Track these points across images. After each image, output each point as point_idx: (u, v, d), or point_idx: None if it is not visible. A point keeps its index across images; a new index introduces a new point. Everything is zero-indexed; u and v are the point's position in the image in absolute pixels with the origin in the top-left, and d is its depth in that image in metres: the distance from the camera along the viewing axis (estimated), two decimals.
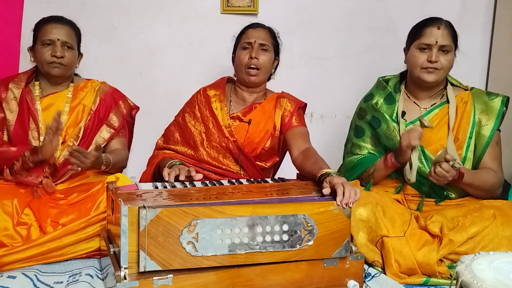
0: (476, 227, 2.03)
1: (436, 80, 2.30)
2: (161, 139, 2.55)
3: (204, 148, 2.41)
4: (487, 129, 2.30)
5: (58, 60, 2.31)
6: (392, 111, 2.39)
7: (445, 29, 2.27)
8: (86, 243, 2.09)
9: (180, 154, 2.44)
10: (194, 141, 2.42)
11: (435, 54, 2.25)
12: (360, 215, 2.09)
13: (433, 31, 2.26)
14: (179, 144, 2.47)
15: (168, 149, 2.48)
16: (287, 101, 2.46)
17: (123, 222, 1.61)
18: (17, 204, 2.09)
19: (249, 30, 2.44)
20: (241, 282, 1.74)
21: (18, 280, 1.88)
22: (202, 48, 3.24)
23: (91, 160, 2.14)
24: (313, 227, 1.77)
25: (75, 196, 2.22)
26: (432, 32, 2.26)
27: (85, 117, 2.40)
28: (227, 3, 3.20)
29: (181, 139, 2.47)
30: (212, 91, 2.48)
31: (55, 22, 2.34)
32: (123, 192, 1.81)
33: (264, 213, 1.72)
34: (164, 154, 2.43)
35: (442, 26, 2.26)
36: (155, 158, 2.44)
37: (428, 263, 2.00)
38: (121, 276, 1.63)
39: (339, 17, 3.36)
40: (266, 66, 2.41)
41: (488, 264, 1.52)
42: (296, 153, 2.28)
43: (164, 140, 2.53)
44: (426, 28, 2.28)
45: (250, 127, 2.39)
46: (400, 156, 2.21)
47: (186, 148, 2.44)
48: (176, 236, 1.64)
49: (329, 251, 1.81)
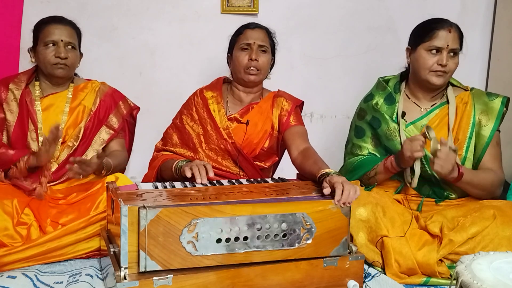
0: (476, 227, 2.02)
1: (444, 83, 2.30)
2: (160, 142, 2.54)
3: (203, 149, 2.40)
4: (487, 129, 2.30)
5: (62, 61, 2.30)
6: (392, 111, 2.38)
7: (455, 32, 2.26)
8: (86, 243, 2.09)
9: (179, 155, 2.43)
10: (193, 143, 2.42)
11: (446, 58, 2.23)
12: (360, 215, 2.10)
13: (445, 34, 2.24)
14: (178, 146, 2.46)
15: (167, 151, 2.47)
16: (284, 100, 2.45)
17: (123, 222, 1.61)
18: (17, 204, 2.09)
19: (247, 30, 2.41)
20: (241, 282, 1.74)
21: (18, 280, 1.88)
22: (202, 48, 3.24)
23: (93, 168, 2.15)
24: (311, 225, 1.78)
25: (75, 195, 2.23)
26: (444, 35, 2.23)
27: (85, 117, 2.40)
28: (227, 3, 3.20)
29: (179, 141, 2.47)
30: (209, 93, 2.47)
31: (56, 22, 2.34)
32: (123, 192, 1.81)
33: (263, 212, 1.72)
34: (163, 156, 2.42)
35: (452, 29, 2.25)
36: (156, 160, 2.43)
37: (428, 263, 2.00)
38: (121, 276, 1.62)
39: (339, 17, 3.37)
40: (265, 67, 2.41)
41: (488, 264, 1.52)
42: (295, 153, 2.28)
43: (163, 143, 2.52)
44: (437, 30, 2.25)
45: (248, 128, 2.39)
46: (402, 163, 2.20)
47: (185, 150, 2.43)
48: (176, 235, 1.64)
49: (327, 249, 1.82)
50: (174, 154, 2.43)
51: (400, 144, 2.28)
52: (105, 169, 2.25)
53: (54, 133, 2.12)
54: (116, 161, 2.34)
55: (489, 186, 2.25)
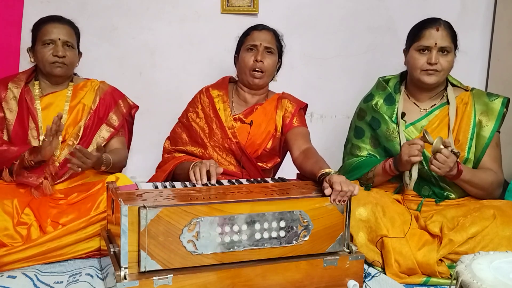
0: (476, 227, 2.03)
1: (437, 81, 2.29)
2: (167, 143, 2.53)
3: (211, 145, 2.40)
4: (487, 130, 2.29)
5: (60, 59, 2.30)
6: (392, 112, 2.38)
7: (444, 30, 2.25)
8: (86, 243, 2.09)
9: (190, 154, 2.42)
10: (202, 139, 2.41)
11: (435, 56, 2.23)
12: (360, 215, 2.10)
13: (432, 32, 2.24)
14: (188, 144, 2.45)
15: (178, 151, 2.46)
16: (288, 102, 2.46)
17: (123, 222, 1.61)
18: (17, 204, 2.09)
19: (254, 32, 2.42)
20: (241, 282, 1.74)
21: (18, 280, 1.88)
22: (202, 48, 3.24)
23: (93, 160, 2.14)
24: (308, 222, 1.80)
25: (75, 196, 2.23)
26: (431, 34, 2.24)
27: (85, 116, 2.40)
28: (227, 3, 3.20)
29: (189, 139, 2.46)
30: (215, 91, 2.47)
31: (54, 21, 2.34)
32: (123, 192, 1.81)
33: (262, 210, 1.74)
34: (176, 158, 2.37)
35: (441, 27, 2.25)
36: (166, 163, 2.40)
37: (428, 263, 2.00)
38: (121, 276, 1.63)
39: (339, 17, 3.36)
40: (270, 69, 2.41)
41: (488, 263, 1.53)
42: (296, 153, 2.28)
43: (172, 142, 2.52)
44: (425, 30, 2.26)
45: (251, 128, 2.39)
46: (400, 166, 2.19)
47: (196, 147, 2.42)
48: (177, 235, 1.64)
49: (324, 246, 1.84)
50: (187, 156, 2.41)
51: (399, 145, 2.28)
52: (105, 164, 2.25)
53: (57, 122, 2.12)
54: (116, 157, 2.34)
55: (488, 186, 2.24)
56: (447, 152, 2.04)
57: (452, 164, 2.07)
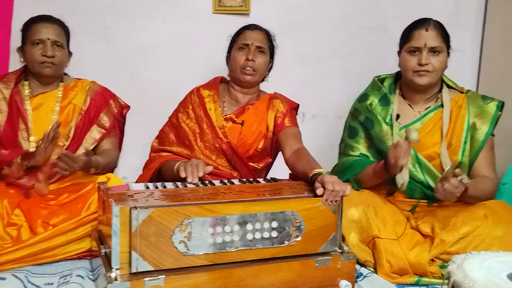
0: (468, 227, 2.03)
1: (429, 82, 2.27)
2: (155, 141, 2.53)
3: (198, 147, 2.40)
4: (481, 133, 2.27)
5: (49, 59, 2.29)
6: (386, 113, 2.36)
7: (434, 30, 2.24)
8: (77, 243, 2.08)
9: (176, 154, 2.42)
10: (189, 141, 2.41)
11: (425, 57, 2.22)
12: (352, 215, 2.10)
13: (422, 33, 2.23)
14: (175, 145, 2.45)
15: (164, 151, 2.46)
16: (279, 102, 2.46)
17: (115, 222, 1.60)
18: (7, 205, 2.08)
19: (246, 31, 2.42)
20: (233, 283, 1.73)
21: (8, 281, 1.87)
22: (195, 48, 3.24)
23: (80, 165, 2.13)
24: (300, 223, 1.80)
25: (66, 196, 2.21)
26: (421, 35, 2.23)
27: (76, 116, 2.38)
28: (219, 3, 3.19)
29: (176, 139, 2.46)
30: (206, 91, 2.47)
31: (44, 21, 2.32)
32: (114, 193, 1.80)
33: (254, 210, 1.73)
34: (161, 157, 2.39)
35: (430, 28, 2.24)
36: (152, 162, 2.41)
37: (420, 263, 2.00)
38: (112, 277, 1.61)
39: (333, 17, 3.36)
40: (261, 69, 2.41)
41: (480, 263, 1.53)
42: (288, 153, 2.28)
43: (159, 142, 2.51)
44: (415, 30, 2.25)
45: (243, 128, 2.39)
46: (390, 169, 2.14)
47: (182, 148, 2.42)
48: (168, 235, 1.64)
49: (316, 246, 1.84)
50: (173, 155, 2.41)
51: None
52: (94, 167, 2.23)
53: (55, 129, 2.11)
54: (107, 159, 2.32)
55: (489, 195, 2.21)
56: (456, 183, 1.97)
57: (458, 195, 2.01)
